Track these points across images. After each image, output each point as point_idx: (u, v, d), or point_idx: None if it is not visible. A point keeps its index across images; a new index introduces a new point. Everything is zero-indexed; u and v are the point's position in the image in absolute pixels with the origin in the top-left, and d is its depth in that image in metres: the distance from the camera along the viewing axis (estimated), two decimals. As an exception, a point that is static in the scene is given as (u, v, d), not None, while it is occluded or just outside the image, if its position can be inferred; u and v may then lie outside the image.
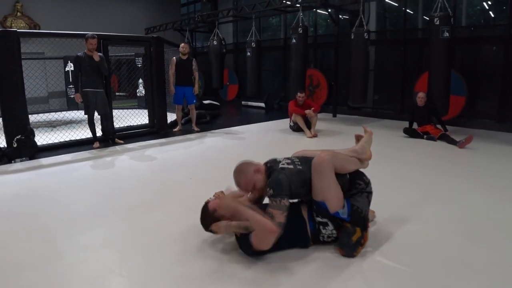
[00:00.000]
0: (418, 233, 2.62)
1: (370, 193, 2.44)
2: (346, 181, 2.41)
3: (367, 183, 2.45)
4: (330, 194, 2.26)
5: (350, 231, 2.28)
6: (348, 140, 5.67)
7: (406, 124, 6.37)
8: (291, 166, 2.37)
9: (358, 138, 2.76)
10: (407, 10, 8.58)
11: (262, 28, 12.64)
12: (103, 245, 2.56)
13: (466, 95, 7.14)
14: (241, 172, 2.39)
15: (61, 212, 3.16)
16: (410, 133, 6.15)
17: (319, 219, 2.32)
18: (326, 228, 2.32)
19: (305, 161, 2.42)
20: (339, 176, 2.34)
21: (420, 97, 6.06)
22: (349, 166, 2.43)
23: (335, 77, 8.96)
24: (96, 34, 5.56)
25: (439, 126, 6.01)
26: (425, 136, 5.93)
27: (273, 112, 10.10)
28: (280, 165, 2.39)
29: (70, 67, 11.16)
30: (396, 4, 8.63)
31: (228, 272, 2.17)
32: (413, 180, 3.95)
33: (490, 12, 7.79)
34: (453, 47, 7.24)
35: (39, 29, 11.51)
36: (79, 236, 2.68)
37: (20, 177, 4.26)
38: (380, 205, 2.63)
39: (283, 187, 2.21)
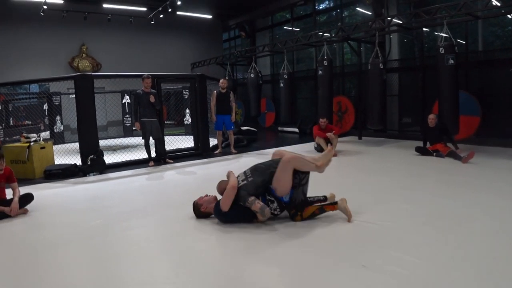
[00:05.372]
0: (393, 223, 3.47)
1: (304, 185, 3.47)
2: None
3: (302, 178, 3.44)
4: (280, 184, 3.38)
5: (290, 211, 3.48)
6: (363, 158, 6.52)
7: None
8: (245, 182, 3.47)
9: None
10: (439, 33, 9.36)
11: (298, 59, 13.80)
12: (165, 223, 3.66)
13: (480, 115, 7.72)
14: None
15: (128, 205, 4.33)
16: (421, 151, 6.84)
17: (269, 197, 3.43)
18: (272, 204, 3.42)
19: (255, 170, 3.54)
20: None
21: (430, 119, 6.77)
22: (303, 167, 3.46)
23: (360, 103, 9.79)
24: (151, 74, 6.89)
25: (450, 144, 6.65)
26: (434, 154, 6.60)
27: (305, 136, 10.96)
28: (240, 183, 3.47)
29: (126, 99, 12.84)
30: (428, 29, 9.31)
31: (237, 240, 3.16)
32: (402, 187, 4.70)
33: (504, 38, 8.39)
34: (466, 71, 7.92)
35: (100, 67, 13.48)
36: (147, 217, 3.84)
37: (95, 185, 5.54)
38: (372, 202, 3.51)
39: (244, 197, 3.36)
